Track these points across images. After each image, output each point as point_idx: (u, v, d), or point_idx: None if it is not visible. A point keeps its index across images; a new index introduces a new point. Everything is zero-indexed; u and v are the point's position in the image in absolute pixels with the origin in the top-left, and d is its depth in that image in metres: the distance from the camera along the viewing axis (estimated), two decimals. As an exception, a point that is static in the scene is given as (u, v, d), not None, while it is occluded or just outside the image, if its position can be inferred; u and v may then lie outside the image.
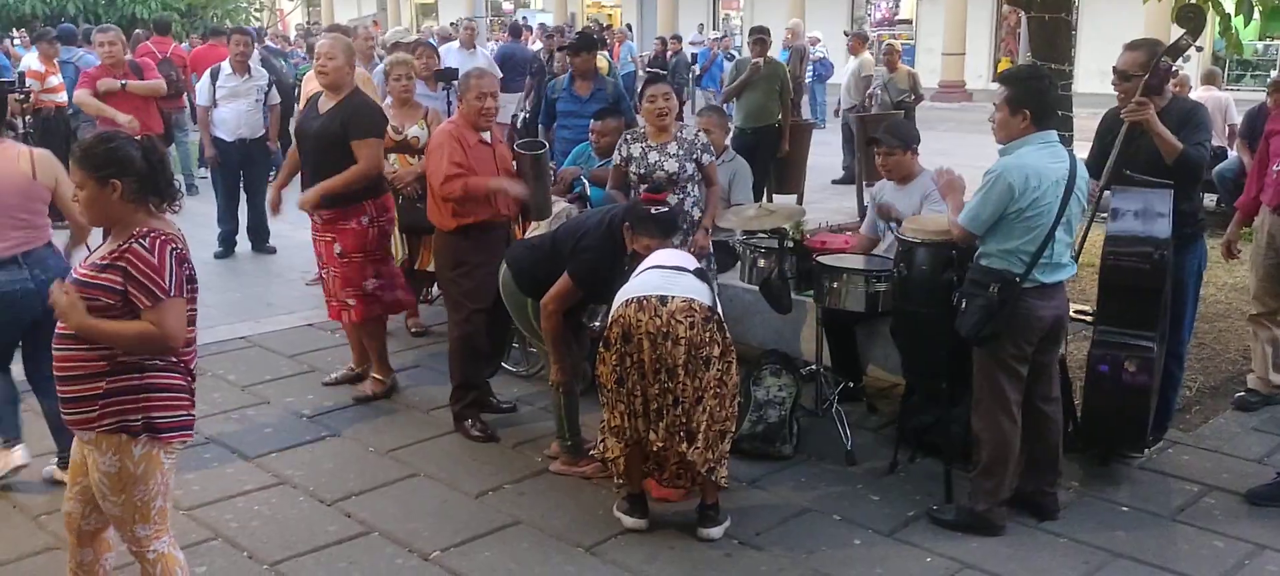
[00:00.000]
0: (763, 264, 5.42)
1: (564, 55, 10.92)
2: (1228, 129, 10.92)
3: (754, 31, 10.71)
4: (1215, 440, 5.29)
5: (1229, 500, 4.67)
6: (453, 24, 20.86)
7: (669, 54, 19.89)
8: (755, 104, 10.23)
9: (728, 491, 4.45)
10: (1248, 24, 6.96)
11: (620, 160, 5.66)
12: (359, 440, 5.35)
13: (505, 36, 18.35)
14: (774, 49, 11.33)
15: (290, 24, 33.33)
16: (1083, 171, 4.30)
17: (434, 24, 27.64)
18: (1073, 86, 7.77)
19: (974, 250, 4.35)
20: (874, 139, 5.60)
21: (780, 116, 10.26)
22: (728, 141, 7.42)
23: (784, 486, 4.84)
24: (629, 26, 30.14)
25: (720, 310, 4.29)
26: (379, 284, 5.81)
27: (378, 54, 9.76)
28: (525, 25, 16.65)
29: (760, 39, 10.46)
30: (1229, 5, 7.21)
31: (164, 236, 3.19)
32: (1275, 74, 16.06)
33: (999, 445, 4.32)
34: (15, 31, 19.47)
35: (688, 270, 4.32)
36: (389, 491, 4.79)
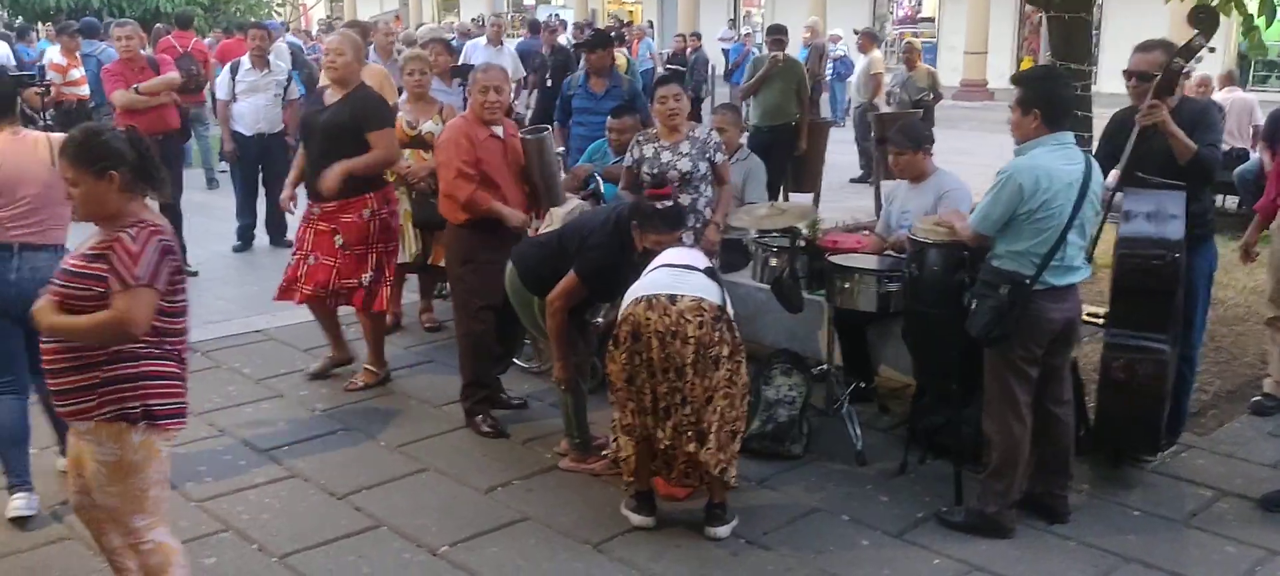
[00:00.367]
0: (774, 263, 5.42)
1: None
2: (1252, 130, 10.84)
3: (772, 30, 10.74)
4: (1230, 444, 5.25)
5: (1242, 505, 4.63)
6: (474, 20, 20.93)
7: (688, 50, 19.87)
8: (772, 102, 10.21)
9: (736, 490, 4.44)
10: (1269, 25, 6.88)
11: (632, 163, 5.67)
12: (370, 435, 5.38)
13: (526, 33, 18.39)
14: (794, 47, 11.32)
15: (313, 19, 33.49)
16: (1097, 174, 4.26)
17: (454, 19, 27.71)
18: (1094, 87, 7.71)
19: (985, 251, 4.33)
20: (884, 139, 5.58)
21: (797, 114, 10.24)
22: (744, 139, 7.41)
23: (793, 486, 4.83)
24: (650, 23, 30.15)
25: (730, 309, 4.29)
26: (374, 278, 5.90)
27: (398, 49, 9.78)
28: (558, 22, 16.61)
29: (778, 38, 10.47)
30: (1252, 5, 7.14)
31: (152, 227, 3.17)
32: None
33: (1009, 447, 4.30)
34: (40, 24, 19.64)
35: (697, 269, 4.31)
36: (399, 486, 4.82)
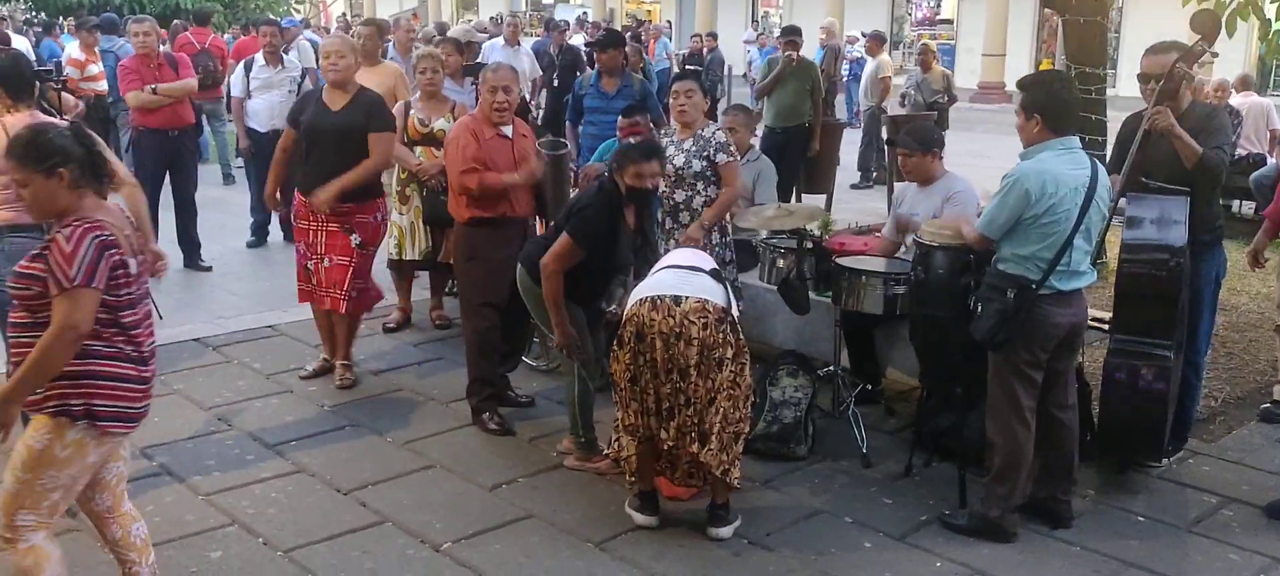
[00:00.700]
0: (782, 264, 5.42)
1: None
2: (1269, 135, 10.77)
3: (785, 31, 10.76)
4: (1237, 451, 5.22)
5: (1248, 513, 4.62)
6: (492, 19, 20.98)
7: (705, 51, 19.87)
8: (786, 103, 10.21)
9: (740, 491, 4.45)
10: (1287, 29, 6.89)
11: None
12: (377, 431, 5.41)
13: (542, 32, 18.45)
14: (809, 49, 11.32)
15: (333, 16, 33.64)
16: (1105, 179, 4.25)
17: (473, 17, 27.80)
18: (1111, 90, 7.69)
19: (991, 255, 4.32)
20: (891, 142, 5.59)
21: (811, 115, 10.25)
22: (757, 140, 7.40)
23: (797, 487, 4.84)
24: (669, 22, 30.16)
25: (735, 311, 4.30)
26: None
27: (417, 47, 9.82)
28: (589, 22, 16.64)
29: (791, 39, 10.47)
30: (1270, 11, 7.12)
31: (89, 224, 3.13)
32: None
33: (1012, 451, 4.29)
34: (62, 20, 19.82)
35: (703, 270, 4.33)
36: (404, 482, 4.85)
